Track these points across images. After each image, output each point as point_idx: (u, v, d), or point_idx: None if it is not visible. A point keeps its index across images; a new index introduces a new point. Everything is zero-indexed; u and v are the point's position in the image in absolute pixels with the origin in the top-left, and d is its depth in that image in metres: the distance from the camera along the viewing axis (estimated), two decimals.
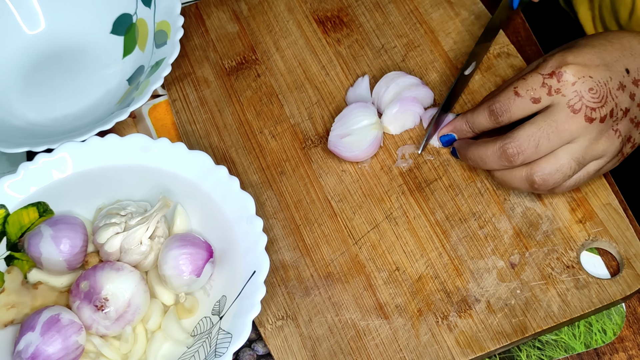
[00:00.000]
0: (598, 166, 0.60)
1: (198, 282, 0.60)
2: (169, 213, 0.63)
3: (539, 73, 0.59)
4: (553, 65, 0.59)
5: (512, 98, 0.60)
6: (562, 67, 0.58)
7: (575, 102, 0.58)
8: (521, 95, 0.59)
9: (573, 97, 0.58)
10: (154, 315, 0.59)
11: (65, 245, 0.60)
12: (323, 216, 0.66)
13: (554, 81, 0.58)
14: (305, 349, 0.60)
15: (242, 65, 0.75)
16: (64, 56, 0.77)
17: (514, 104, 0.60)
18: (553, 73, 0.59)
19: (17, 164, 0.63)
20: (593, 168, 0.60)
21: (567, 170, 0.59)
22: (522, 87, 0.60)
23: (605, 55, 0.59)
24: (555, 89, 0.58)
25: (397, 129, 0.70)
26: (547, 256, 0.62)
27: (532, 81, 0.59)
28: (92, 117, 0.72)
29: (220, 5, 0.79)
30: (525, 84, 0.59)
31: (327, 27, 0.77)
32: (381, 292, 0.62)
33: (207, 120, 0.72)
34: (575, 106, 0.58)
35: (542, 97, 0.59)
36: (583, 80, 0.58)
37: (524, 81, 0.60)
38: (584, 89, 0.58)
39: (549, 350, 0.61)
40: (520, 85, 0.60)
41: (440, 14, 0.77)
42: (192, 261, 0.59)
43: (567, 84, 0.58)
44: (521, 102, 0.60)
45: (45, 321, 0.56)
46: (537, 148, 0.58)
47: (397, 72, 0.71)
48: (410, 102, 0.69)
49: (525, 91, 0.59)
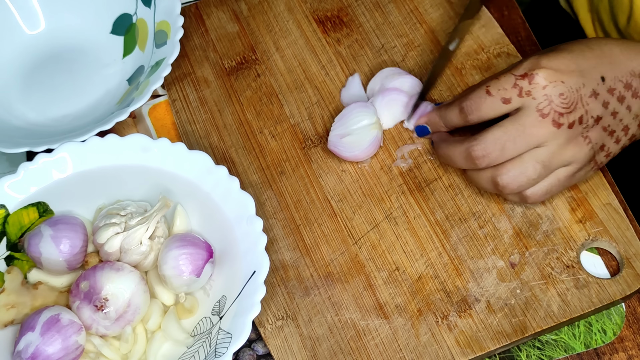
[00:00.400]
0: (568, 173, 0.60)
1: (198, 282, 0.60)
2: (169, 213, 0.63)
3: (512, 74, 0.59)
4: (526, 67, 0.59)
5: (483, 97, 0.60)
6: (535, 69, 0.58)
7: (544, 106, 0.58)
8: (492, 94, 0.59)
9: (542, 101, 0.58)
10: (154, 315, 0.59)
11: (65, 245, 0.60)
12: (323, 216, 0.66)
13: (525, 83, 0.58)
14: (305, 349, 0.60)
15: (242, 65, 0.75)
16: (64, 56, 0.77)
17: (484, 102, 0.60)
18: (525, 75, 0.58)
19: (17, 164, 0.63)
20: (563, 174, 0.60)
21: (531, 173, 0.59)
22: (494, 87, 0.59)
23: (582, 61, 0.59)
24: (526, 90, 0.58)
25: (389, 122, 0.70)
26: (547, 256, 0.62)
27: (505, 81, 0.59)
28: (92, 117, 0.72)
29: (220, 5, 0.79)
30: (498, 83, 0.59)
31: (327, 27, 0.77)
32: (381, 292, 0.62)
33: (207, 120, 0.72)
34: (544, 110, 0.58)
35: (512, 97, 0.59)
36: (554, 85, 0.58)
37: (497, 81, 0.59)
38: (554, 93, 0.58)
39: (549, 350, 0.61)
40: (492, 85, 0.60)
41: (440, 14, 0.77)
42: (192, 261, 0.59)
43: (538, 87, 0.58)
44: (492, 102, 0.59)
45: (45, 321, 0.56)
46: (502, 151, 0.58)
47: (392, 69, 0.72)
48: (393, 92, 0.69)
49: (496, 90, 0.59)
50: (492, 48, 0.74)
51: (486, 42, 0.74)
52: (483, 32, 0.75)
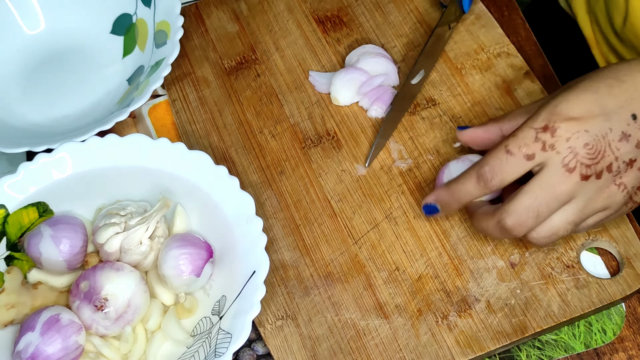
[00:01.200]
0: (599, 218, 0.57)
1: (198, 282, 0.60)
2: (169, 213, 0.63)
3: (531, 127, 0.55)
4: (545, 117, 0.54)
5: (504, 158, 0.55)
6: (555, 121, 0.54)
7: (569, 159, 0.54)
8: (513, 153, 0.55)
9: (567, 155, 0.54)
10: (153, 315, 0.59)
11: (65, 245, 0.60)
12: (323, 216, 0.66)
13: (548, 136, 0.54)
14: (305, 348, 0.60)
15: (241, 65, 0.75)
16: (64, 56, 0.77)
17: (506, 164, 0.55)
18: (547, 127, 0.54)
19: (17, 164, 0.63)
20: (593, 221, 0.57)
21: (562, 232, 0.56)
22: (513, 144, 0.55)
23: (608, 100, 0.54)
24: (549, 144, 0.54)
25: (345, 99, 0.71)
26: (547, 256, 0.62)
27: (524, 136, 0.55)
28: (92, 117, 0.72)
29: (220, 5, 0.79)
30: (517, 140, 0.55)
31: (327, 27, 0.77)
32: (381, 292, 0.62)
33: (207, 120, 0.72)
34: (570, 164, 0.54)
35: (536, 153, 0.54)
36: (577, 136, 0.53)
37: (515, 138, 0.55)
38: (578, 145, 0.53)
39: (549, 350, 0.61)
40: (511, 143, 0.55)
41: (440, 14, 0.77)
42: (192, 261, 0.59)
43: (561, 140, 0.54)
44: (514, 161, 0.55)
45: (45, 321, 0.56)
46: (537, 218, 0.55)
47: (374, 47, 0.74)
48: (356, 72, 0.71)
49: (517, 148, 0.55)
50: (492, 48, 0.74)
51: (486, 42, 0.74)
52: (483, 32, 0.75)
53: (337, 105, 0.72)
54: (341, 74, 0.71)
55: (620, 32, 0.75)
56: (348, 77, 0.71)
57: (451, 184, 0.59)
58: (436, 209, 0.61)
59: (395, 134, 0.70)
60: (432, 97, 0.72)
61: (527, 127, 0.55)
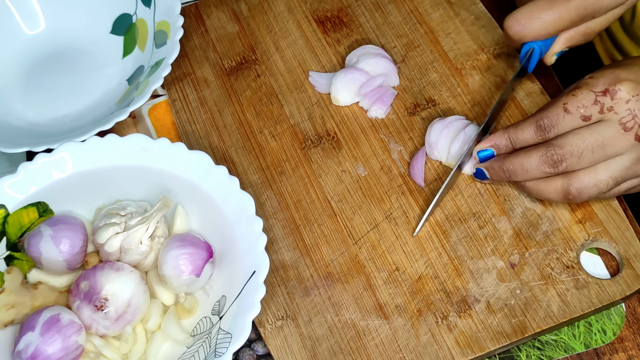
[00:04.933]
0: (631, 185, 0.60)
1: (198, 282, 0.60)
2: (169, 213, 0.63)
3: (590, 90, 0.58)
4: (606, 82, 0.58)
5: (562, 115, 0.58)
6: (616, 84, 0.57)
7: (627, 120, 0.57)
8: (571, 112, 0.58)
9: (626, 115, 0.57)
10: (153, 315, 0.59)
11: (65, 245, 0.60)
12: (323, 216, 0.66)
13: (607, 99, 0.57)
14: (305, 349, 0.60)
15: (242, 65, 0.75)
16: (64, 56, 0.77)
17: (562, 120, 0.58)
18: (607, 90, 0.57)
19: (17, 164, 0.63)
20: (625, 187, 0.60)
21: (603, 186, 0.58)
22: (572, 104, 0.58)
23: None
24: (608, 106, 0.57)
25: (345, 99, 0.71)
26: (547, 256, 0.62)
27: (584, 98, 0.58)
28: (92, 117, 0.72)
29: (220, 5, 0.79)
30: (576, 100, 0.58)
31: (327, 27, 0.77)
32: (381, 292, 0.62)
33: (207, 120, 0.72)
34: (628, 124, 0.57)
35: (593, 114, 0.58)
36: (637, 99, 0.57)
37: (575, 97, 0.58)
38: (638, 107, 0.57)
39: (549, 350, 0.61)
40: (570, 102, 0.58)
41: (440, 14, 0.77)
42: (192, 261, 0.59)
43: (621, 102, 0.57)
44: (570, 119, 0.58)
45: (45, 321, 0.56)
46: (579, 159, 0.58)
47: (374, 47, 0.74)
48: (356, 72, 0.71)
49: (575, 108, 0.58)
50: (492, 48, 0.74)
51: (486, 42, 0.74)
52: (483, 32, 0.75)
53: (337, 106, 0.72)
54: (341, 75, 0.71)
55: (628, 27, 0.75)
56: (348, 78, 0.71)
57: (509, 130, 0.62)
58: (492, 154, 0.64)
59: (395, 134, 0.70)
60: (432, 97, 0.72)
61: (587, 90, 0.58)
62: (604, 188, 0.59)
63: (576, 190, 0.59)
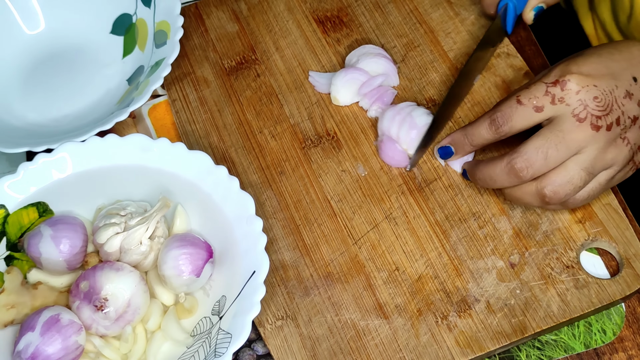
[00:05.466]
0: (608, 176, 0.59)
1: (198, 282, 0.60)
2: (169, 213, 0.63)
3: (542, 82, 0.59)
4: (557, 74, 0.58)
5: (514, 107, 0.59)
6: (565, 75, 0.58)
7: (579, 110, 0.57)
8: (523, 103, 0.59)
9: (577, 106, 0.57)
10: (153, 315, 0.59)
11: (65, 245, 0.60)
12: (323, 216, 0.66)
13: (558, 89, 0.58)
14: (305, 348, 0.60)
15: (241, 65, 0.75)
16: (64, 56, 0.77)
17: (515, 112, 0.59)
18: (557, 82, 0.58)
19: (17, 164, 0.63)
20: (604, 178, 0.59)
21: (577, 181, 0.58)
22: (524, 96, 0.59)
23: (612, 64, 0.59)
24: (558, 97, 0.58)
25: (345, 99, 0.72)
26: (547, 256, 0.62)
27: (536, 90, 0.58)
28: (92, 117, 0.72)
29: (220, 5, 0.79)
30: (528, 92, 0.59)
31: (327, 27, 0.77)
32: (381, 292, 0.62)
33: (206, 120, 0.72)
34: (581, 115, 0.57)
35: (545, 105, 0.58)
36: (587, 89, 0.57)
37: (527, 90, 0.59)
38: (588, 98, 0.57)
39: (549, 350, 0.61)
40: (523, 94, 0.59)
41: (440, 14, 0.77)
42: (191, 261, 0.59)
43: (571, 93, 0.57)
44: (523, 111, 0.59)
45: (45, 321, 0.56)
46: (546, 160, 0.58)
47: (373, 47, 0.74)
48: (356, 72, 0.71)
49: (527, 99, 0.58)
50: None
51: None
52: (483, 32, 0.75)
53: (337, 106, 0.72)
54: (341, 74, 0.71)
55: (624, 28, 0.75)
56: (348, 78, 0.71)
57: (466, 127, 0.63)
58: (451, 151, 0.65)
59: None
60: (432, 97, 0.72)
61: (539, 82, 0.59)
62: (578, 182, 0.58)
63: (550, 191, 0.58)
